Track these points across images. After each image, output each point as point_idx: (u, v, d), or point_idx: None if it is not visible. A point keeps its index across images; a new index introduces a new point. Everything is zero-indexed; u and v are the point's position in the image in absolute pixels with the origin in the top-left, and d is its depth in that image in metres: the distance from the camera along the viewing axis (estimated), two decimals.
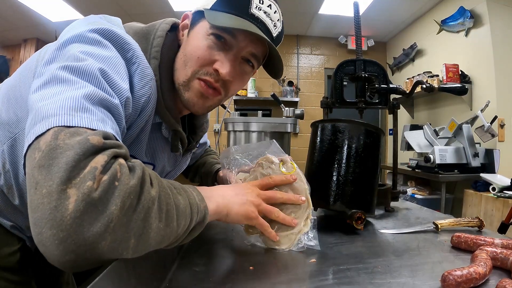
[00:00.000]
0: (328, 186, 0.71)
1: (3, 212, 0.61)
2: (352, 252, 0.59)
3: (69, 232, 0.31)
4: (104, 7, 3.43)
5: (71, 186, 0.32)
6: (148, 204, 0.37)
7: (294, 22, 3.91)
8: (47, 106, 0.37)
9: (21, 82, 0.57)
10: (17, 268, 0.62)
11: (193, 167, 1.02)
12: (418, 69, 3.55)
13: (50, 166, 0.33)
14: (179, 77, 0.59)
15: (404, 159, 3.20)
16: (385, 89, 0.98)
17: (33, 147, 0.35)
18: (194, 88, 0.59)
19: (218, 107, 3.59)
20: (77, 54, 0.44)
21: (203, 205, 0.48)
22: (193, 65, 0.58)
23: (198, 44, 0.57)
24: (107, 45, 0.49)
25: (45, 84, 0.41)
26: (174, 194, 0.43)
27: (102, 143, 0.36)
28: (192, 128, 0.76)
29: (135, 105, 0.52)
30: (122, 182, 0.35)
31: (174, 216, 0.41)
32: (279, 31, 0.62)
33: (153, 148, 0.65)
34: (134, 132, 0.56)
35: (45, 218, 0.31)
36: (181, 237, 0.45)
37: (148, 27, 0.60)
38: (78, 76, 0.42)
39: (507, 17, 2.65)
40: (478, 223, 0.72)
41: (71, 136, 0.35)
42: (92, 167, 0.33)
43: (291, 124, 1.71)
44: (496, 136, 2.40)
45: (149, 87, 0.54)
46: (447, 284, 0.42)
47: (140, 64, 0.53)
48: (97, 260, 0.34)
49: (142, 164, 0.40)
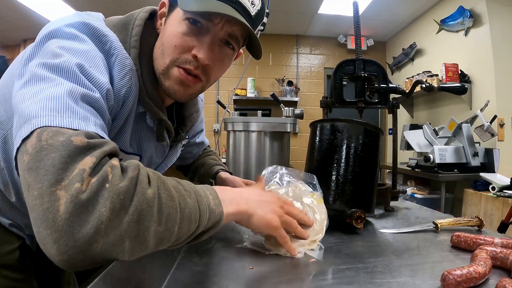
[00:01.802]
0: (327, 185, 0.71)
1: (1, 210, 0.61)
2: (351, 251, 0.59)
3: (61, 233, 0.31)
4: (103, 7, 3.43)
5: (60, 188, 0.32)
6: (142, 205, 0.36)
7: (293, 22, 3.91)
8: (30, 107, 0.38)
9: (9, 80, 0.57)
10: (17, 266, 0.62)
11: (192, 167, 1.02)
12: (417, 69, 3.55)
13: (38, 169, 0.34)
14: (158, 67, 0.58)
15: (403, 159, 3.20)
16: (385, 89, 0.98)
17: (21, 150, 0.36)
18: (174, 76, 0.57)
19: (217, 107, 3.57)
20: (55, 50, 0.44)
21: (218, 210, 0.47)
22: (170, 53, 0.56)
23: (174, 31, 0.56)
24: (84, 39, 0.49)
25: (25, 84, 0.41)
26: (181, 196, 0.42)
27: (86, 143, 0.36)
28: (181, 119, 0.75)
29: (117, 97, 0.52)
30: (112, 183, 0.34)
31: (177, 220, 0.40)
32: (258, 9, 0.60)
33: (138, 138, 0.64)
34: (118, 123, 0.56)
35: (40, 218, 0.32)
36: (184, 240, 0.44)
37: (126, 17, 0.59)
38: (56, 73, 0.42)
39: (506, 17, 2.65)
40: (478, 222, 0.72)
41: (54, 136, 0.35)
42: (80, 169, 0.34)
43: (290, 124, 1.71)
44: (496, 135, 2.41)
45: (129, 77, 0.54)
46: (447, 283, 0.42)
47: (118, 55, 0.52)
48: (93, 262, 0.34)
49: (139, 164, 0.39)
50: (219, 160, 1.01)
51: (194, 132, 0.94)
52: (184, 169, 1.05)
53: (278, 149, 1.70)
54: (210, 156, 1.03)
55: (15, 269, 0.62)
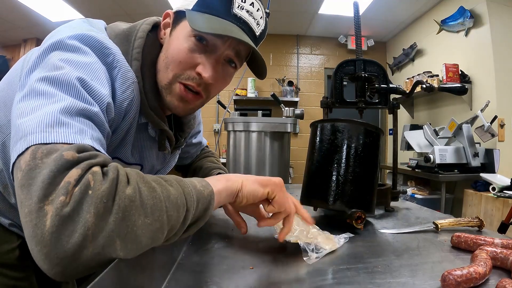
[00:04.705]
0: (327, 185, 0.71)
1: (1, 210, 0.62)
2: (352, 252, 0.59)
3: (50, 248, 0.32)
4: (104, 7, 3.43)
5: (48, 203, 0.33)
6: (124, 202, 0.35)
7: (294, 22, 3.91)
8: (25, 124, 0.38)
9: (9, 85, 0.58)
10: (17, 265, 0.63)
11: (190, 169, 1.00)
12: (418, 69, 3.55)
13: (30, 186, 0.34)
14: (162, 80, 0.59)
15: (404, 159, 3.20)
16: (385, 89, 0.98)
17: (16, 166, 0.37)
18: (175, 92, 0.59)
19: (218, 107, 3.57)
20: (56, 63, 0.45)
21: (207, 191, 0.46)
22: (174, 68, 0.57)
23: (180, 46, 0.57)
24: (86, 51, 0.49)
25: (25, 97, 0.41)
26: (162, 186, 0.41)
27: (76, 157, 0.36)
28: (179, 125, 0.75)
29: (118, 109, 0.52)
30: (94, 189, 0.34)
31: (163, 208, 0.39)
32: (262, 29, 0.62)
33: (140, 148, 0.65)
34: (119, 135, 0.56)
35: (31, 235, 0.32)
36: (180, 229, 0.43)
37: (129, 29, 0.60)
38: (55, 87, 0.42)
39: (507, 17, 2.65)
40: (478, 223, 0.72)
41: (48, 154, 0.36)
42: (66, 182, 0.34)
43: (291, 124, 1.71)
44: (496, 136, 2.41)
45: (131, 90, 0.54)
46: (447, 283, 0.42)
47: (121, 68, 0.52)
48: (88, 268, 0.34)
49: (117, 165, 0.39)
50: (218, 162, 0.99)
51: (192, 134, 0.94)
52: (183, 170, 1.04)
53: (278, 149, 1.70)
54: (208, 158, 1.01)
55: (14, 268, 0.63)
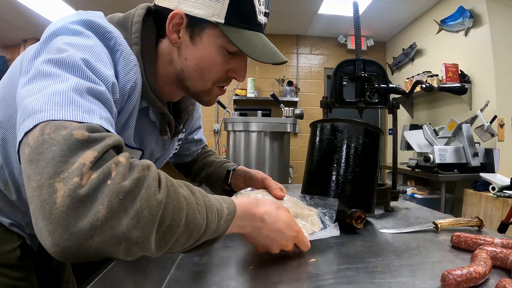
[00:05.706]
0: (327, 185, 0.71)
1: (1, 210, 0.62)
2: (352, 251, 0.59)
3: (56, 225, 0.32)
4: (104, 7, 3.42)
5: (58, 181, 0.32)
6: (143, 212, 0.35)
7: (293, 22, 3.91)
8: (34, 102, 0.38)
9: (9, 81, 0.58)
10: (18, 265, 0.63)
11: (195, 168, 0.99)
12: (417, 69, 3.55)
13: (38, 161, 0.34)
14: (198, 87, 0.63)
15: (403, 159, 3.20)
16: (385, 89, 0.98)
17: (23, 143, 0.37)
18: (215, 94, 0.66)
19: (217, 107, 3.57)
20: (60, 46, 0.45)
21: (225, 226, 0.47)
22: (212, 78, 0.62)
23: (213, 59, 0.60)
24: (89, 35, 0.49)
25: (31, 80, 0.42)
26: (191, 210, 0.41)
27: (86, 136, 0.36)
28: (177, 112, 0.76)
29: (122, 91, 0.53)
30: (113, 181, 0.34)
31: (177, 233, 0.39)
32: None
33: (141, 133, 0.65)
34: (123, 118, 0.57)
35: (38, 209, 0.32)
36: (179, 250, 0.44)
37: (124, 16, 0.61)
38: (61, 68, 0.42)
39: (506, 17, 2.65)
40: (478, 222, 0.72)
41: (57, 130, 0.36)
42: (80, 164, 0.34)
43: (290, 124, 1.71)
44: (496, 135, 2.41)
45: (134, 72, 0.54)
46: (447, 283, 0.42)
47: (123, 51, 0.53)
48: (86, 256, 0.34)
49: (151, 166, 0.38)
50: (222, 159, 1.00)
51: (192, 128, 0.94)
52: (184, 169, 1.03)
53: (278, 149, 1.70)
54: (214, 155, 1.02)
55: (15, 268, 0.63)
